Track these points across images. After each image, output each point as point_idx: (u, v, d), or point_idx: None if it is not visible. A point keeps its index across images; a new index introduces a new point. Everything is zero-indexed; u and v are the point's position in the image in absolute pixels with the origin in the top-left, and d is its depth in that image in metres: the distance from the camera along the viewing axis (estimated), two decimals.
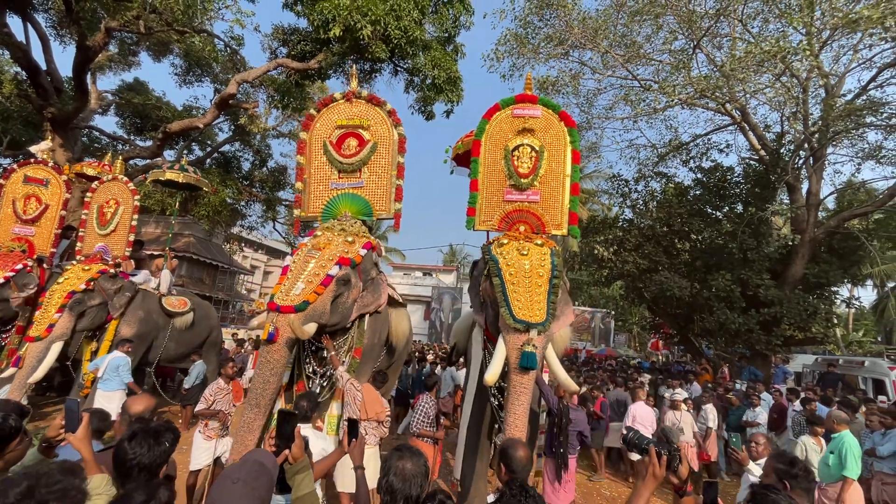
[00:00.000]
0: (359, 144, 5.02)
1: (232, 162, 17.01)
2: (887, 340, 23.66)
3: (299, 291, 3.67)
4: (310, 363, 4.28)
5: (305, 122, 5.21)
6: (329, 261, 3.93)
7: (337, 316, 3.98)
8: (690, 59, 11.35)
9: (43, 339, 5.34)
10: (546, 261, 3.76)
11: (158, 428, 1.82)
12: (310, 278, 3.78)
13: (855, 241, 11.03)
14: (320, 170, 5.04)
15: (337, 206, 4.84)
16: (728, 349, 12.14)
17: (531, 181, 4.35)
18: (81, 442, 1.84)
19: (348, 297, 4.07)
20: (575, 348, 23.40)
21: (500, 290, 3.57)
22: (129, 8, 9.75)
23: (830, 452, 4.42)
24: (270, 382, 3.47)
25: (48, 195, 6.97)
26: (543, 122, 4.54)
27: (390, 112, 5.13)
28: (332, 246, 4.13)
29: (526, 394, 3.29)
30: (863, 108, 9.33)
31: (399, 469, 1.70)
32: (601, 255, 14.78)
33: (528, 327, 3.35)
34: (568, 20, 11.42)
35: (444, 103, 11.24)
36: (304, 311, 3.56)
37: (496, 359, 3.43)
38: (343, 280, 3.95)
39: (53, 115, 10.49)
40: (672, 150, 13.66)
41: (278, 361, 3.51)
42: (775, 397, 8.10)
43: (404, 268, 34.67)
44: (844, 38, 9.88)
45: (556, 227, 4.34)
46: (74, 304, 5.66)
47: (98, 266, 6.16)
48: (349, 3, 8.89)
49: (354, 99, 5.19)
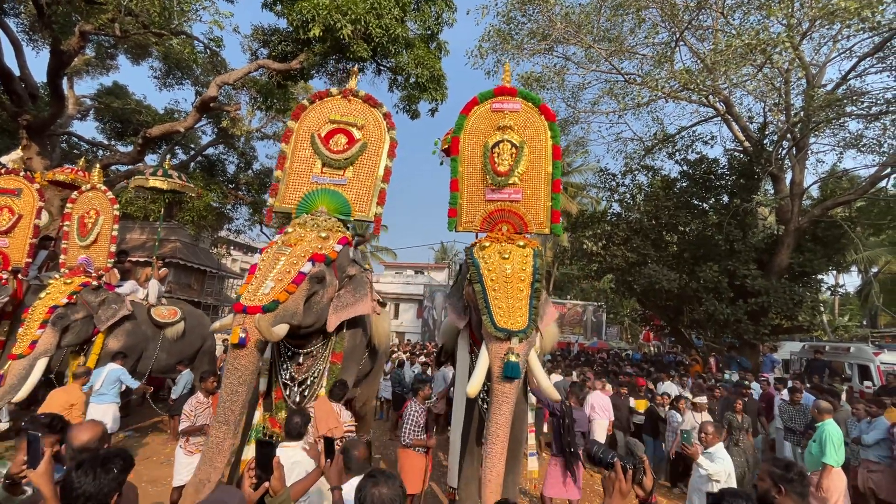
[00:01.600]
0: (348, 142, 4.89)
1: (216, 165, 16.77)
2: (872, 324, 24.10)
3: (268, 290, 3.42)
4: (287, 369, 4.08)
5: (296, 111, 5.07)
6: (301, 257, 3.70)
7: (311, 316, 3.77)
8: (673, 52, 11.38)
9: (26, 357, 5.21)
10: (528, 264, 3.71)
11: (107, 455, 1.73)
12: (280, 276, 3.53)
13: (838, 230, 11.19)
14: (303, 161, 4.86)
15: (314, 201, 4.60)
16: (717, 339, 12.28)
17: (509, 178, 4.25)
18: (42, 478, 1.76)
19: (323, 296, 3.85)
20: (567, 341, 23.53)
21: (481, 297, 3.52)
22: (103, 11, 9.51)
23: (813, 441, 4.50)
24: (239, 393, 3.21)
25: (21, 205, 6.80)
26: (523, 117, 4.44)
27: (386, 115, 5.06)
28: (305, 242, 3.89)
29: (508, 402, 3.27)
30: (843, 97, 9.43)
31: (376, 496, 1.65)
32: (590, 249, 14.85)
33: (509, 335, 3.31)
34: (551, 15, 11.38)
35: (428, 102, 11.15)
36: (273, 312, 3.33)
37: (479, 369, 3.39)
38: (317, 278, 3.72)
39: (29, 122, 10.22)
40: (658, 142, 13.72)
41: (246, 368, 3.24)
42: (763, 387, 8.21)
43: (396, 266, 34.55)
44: (824, 29, 9.97)
45: (539, 225, 4.26)
46: (57, 318, 5.53)
47: (80, 279, 6.02)
48: (328, 3, 8.75)
49: (352, 97, 5.09)
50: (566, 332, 24.69)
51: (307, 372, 4.07)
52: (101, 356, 6.04)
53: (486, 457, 3.19)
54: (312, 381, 4.04)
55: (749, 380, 8.93)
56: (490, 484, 3.10)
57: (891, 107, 9.19)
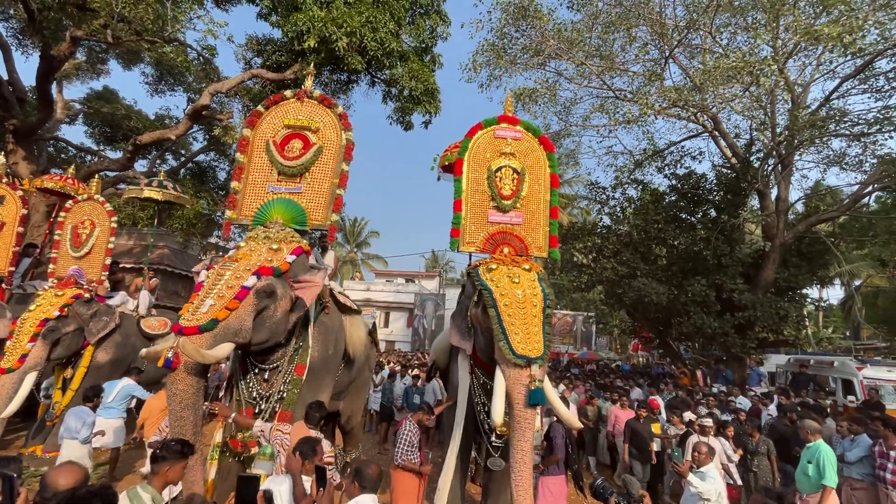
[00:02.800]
0: (303, 147, 4.70)
1: (207, 172, 16.64)
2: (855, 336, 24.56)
3: (206, 308, 3.27)
4: (252, 387, 3.94)
5: (251, 118, 4.90)
6: (245, 272, 3.54)
7: (264, 332, 3.61)
8: (663, 69, 11.62)
9: (15, 371, 5.09)
10: (537, 288, 3.77)
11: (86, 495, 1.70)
12: (221, 293, 3.38)
13: (822, 245, 11.44)
14: (259, 171, 4.71)
15: (269, 212, 4.45)
16: (705, 352, 12.41)
17: (514, 203, 4.39)
18: None
19: (276, 311, 3.66)
20: (557, 352, 23.61)
21: (496, 322, 3.53)
22: (95, 17, 9.45)
23: (808, 462, 4.48)
24: (184, 418, 3.11)
25: (4, 212, 6.68)
26: (525, 146, 4.61)
27: (341, 115, 4.87)
28: (253, 256, 3.74)
29: (531, 429, 3.32)
30: (826, 117, 9.69)
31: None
32: (580, 261, 14.96)
33: (528, 362, 3.33)
34: (543, 31, 11.56)
35: (421, 114, 11.23)
36: (211, 331, 3.17)
37: (498, 396, 3.40)
38: (265, 292, 3.54)
39: (16, 126, 10.08)
40: (648, 157, 13.94)
41: (185, 392, 3.13)
42: (753, 401, 8.30)
43: (386, 274, 34.45)
44: (808, 51, 10.26)
45: (538, 249, 4.40)
46: (48, 332, 5.43)
47: (72, 291, 5.90)
48: (324, 15, 8.81)
49: (306, 99, 4.90)
50: (556, 343, 24.79)
51: (272, 387, 3.93)
52: (90, 369, 5.95)
53: (516, 486, 3.21)
54: (279, 396, 3.91)
55: (735, 393, 9.04)
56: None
57: (871, 127, 9.46)
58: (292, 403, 3.89)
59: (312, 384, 4.11)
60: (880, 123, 9.15)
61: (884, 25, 8.37)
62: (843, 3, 8.17)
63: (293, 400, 3.90)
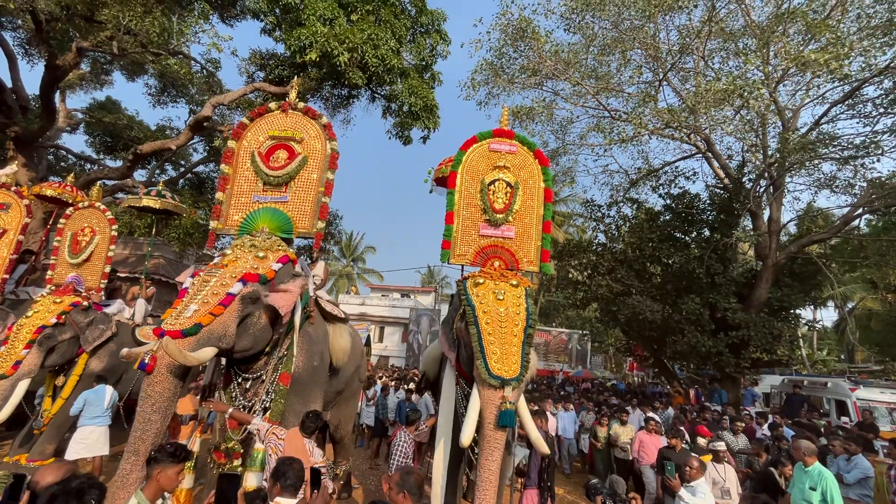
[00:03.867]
0: (288, 157, 4.80)
1: (206, 183, 16.70)
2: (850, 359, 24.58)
3: (190, 313, 3.29)
4: (235, 397, 3.94)
5: (236, 130, 4.99)
6: (231, 278, 3.57)
7: (247, 339, 3.63)
8: (657, 91, 11.90)
9: (9, 378, 5.05)
10: (521, 306, 3.78)
11: (81, 486, 1.71)
12: (206, 298, 3.41)
13: (814, 266, 11.56)
14: (245, 181, 4.79)
15: (255, 221, 4.51)
16: (699, 371, 12.39)
17: (506, 217, 4.40)
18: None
19: (260, 318, 3.69)
20: (552, 370, 23.46)
21: (476, 339, 3.54)
22: (102, 29, 9.64)
23: (811, 489, 4.25)
24: (152, 421, 3.06)
25: (7, 219, 6.68)
26: (519, 159, 4.64)
27: (325, 126, 4.96)
28: (239, 263, 3.79)
29: (500, 450, 3.30)
30: (816, 141, 9.91)
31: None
32: (576, 278, 15.02)
33: (503, 383, 3.34)
34: (541, 52, 11.86)
35: (420, 130, 11.40)
36: (194, 336, 3.19)
37: (470, 415, 3.39)
38: (250, 298, 3.57)
39: (17, 133, 10.15)
40: (643, 176, 14.15)
41: (161, 395, 3.09)
42: (746, 420, 8.26)
43: (382, 289, 34.36)
44: (797, 77, 10.56)
45: (530, 263, 4.41)
46: (44, 339, 5.41)
47: (70, 298, 5.88)
48: (327, 31, 9.02)
49: (290, 110, 5.00)
50: (551, 360, 24.65)
51: (255, 396, 3.92)
52: (82, 377, 5.89)
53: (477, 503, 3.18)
54: (263, 406, 3.88)
55: (729, 413, 9.00)
56: None
57: (860, 151, 9.68)
58: (279, 413, 3.85)
59: (300, 395, 4.07)
60: (867, 147, 9.37)
61: (869, 53, 8.66)
62: (829, 31, 8.47)
63: (280, 410, 3.86)
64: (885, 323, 19.24)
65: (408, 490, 2.31)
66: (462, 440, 3.33)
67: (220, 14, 12.03)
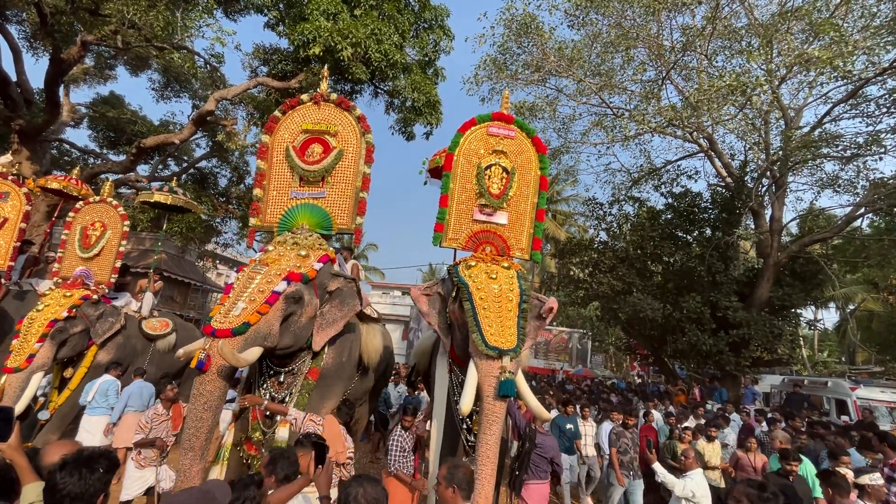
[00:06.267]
0: (323, 151, 4.66)
1: (208, 178, 16.76)
2: (851, 360, 24.54)
3: (239, 312, 3.31)
4: (266, 389, 3.99)
5: (269, 124, 4.88)
6: (276, 276, 3.59)
7: (289, 338, 3.66)
8: (660, 89, 11.89)
9: (23, 371, 5.07)
10: (514, 284, 3.77)
11: (91, 455, 1.72)
12: (252, 297, 3.42)
13: (816, 266, 11.54)
14: (281, 177, 4.72)
15: (294, 217, 4.50)
16: (699, 370, 12.40)
17: (500, 202, 4.35)
18: (14, 451, 1.77)
19: (301, 316, 3.75)
20: (552, 368, 23.47)
21: (471, 315, 3.53)
22: (106, 22, 9.66)
23: None
24: (204, 419, 3.12)
25: (7, 208, 6.69)
26: (517, 145, 4.55)
27: (360, 118, 4.83)
28: (283, 261, 3.80)
29: (499, 422, 3.27)
30: (819, 140, 9.90)
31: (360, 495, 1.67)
32: (577, 276, 15.04)
33: (500, 354, 3.32)
34: (544, 49, 11.86)
35: (423, 125, 11.42)
36: (242, 335, 3.22)
37: (468, 387, 3.37)
38: (293, 297, 3.61)
39: (21, 126, 10.20)
40: (645, 175, 14.15)
41: (212, 394, 3.14)
42: (744, 418, 8.29)
43: (383, 286, 34.39)
44: (801, 75, 10.54)
45: (521, 251, 4.37)
46: (56, 332, 5.42)
47: (80, 292, 5.88)
48: (330, 26, 9.04)
49: (323, 102, 4.86)
50: (551, 359, 24.66)
51: (287, 390, 3.97)
52: (90, 369, 5.92)
53: (477, 478, 3.11)
54: (287, 399, 3.94)
55: (730, 411, 9.02)
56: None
57: (863, 150, 9.66)
58: (302, 406, 3.91)
59: (321, 389, 4.10)
60: (869, 145, 9.35)
61: (872, 51, 8.64)
62: (833, 30, 8.45)
63: (304, 403, 3.93)
64: (887, 324, 19.21)
65: (457, 484, 2.21)
66: (461, 407, 3.31)
67: (224, 8, 12.06)
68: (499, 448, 3.27)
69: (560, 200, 29.77)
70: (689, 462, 3.95)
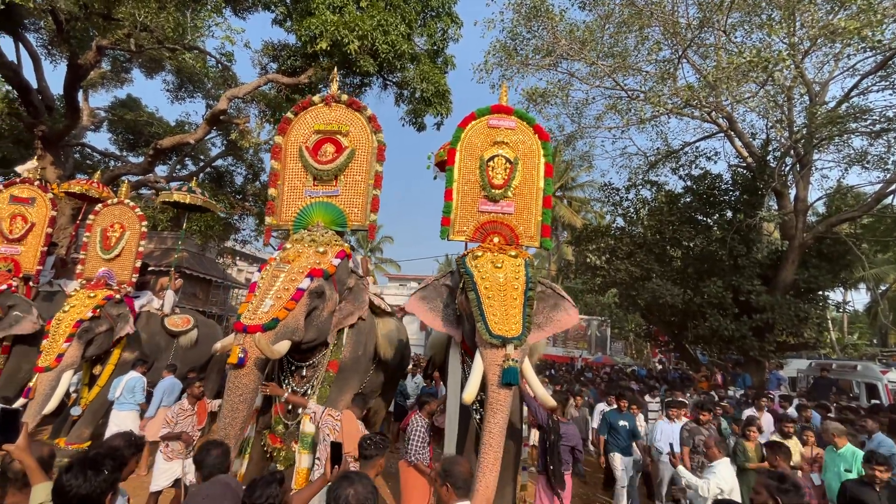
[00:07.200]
0: (336, 151, 4.84)
1: (225, 176, 17.03)
2: (882, 342, 23.76)
3: (268, 308, 3.47)
4: (288, 384, 4.11)
5: (282, 125, 5.05)
6: (299, 273, 3.74)
7: (313, 331, 3.81)
8: (676, 69, 11.52)
9: (53, 369, 5.30)
10: (521, 272, 3.75)
11: (97, 456, 1.75)
12: (279, 294, 3.58)
13: (844, 246, 11.13)
14: (295, 176, 4.88)
15: (309, 216, 4.65)
16: (722, 356, 12.16)
17: (505, 192, 4.36)
18: (23, 452, 1.81)
19: (324, 311, 3.89)
20: (571, 356, 23.34)
21: (475, 304, 3.54)
22: (120, 26, 9.82)
23: (847, 471, 4.08)
24: (239, 410, 3.26)
25: (34, 213, 6.94)
26: (518, 134, 4.57)
27: (370, 118, 4.97)
28: (303, 258, 3.93)
29: (503, 411, 3.25)
30: (846, 115, 9.47)
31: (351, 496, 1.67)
32: (594, 263, 14.85)
33: (504, 342, 3.32)
34: (555, 32, 11.59)
35: (433, 116, 11.33)
36: (273, 330, 3.37)
37: (473, 376, 3.38)
38: (316, 293, 3.75)
39: (44, 133, 10.49)
40: (662, 158, 13.80)
41: (247, 387, 3.29)
42: (768, 403, 8.09)
43: (399, 278, 34.63)
44: (826, 48, 10.07)
45: (530, 239, 4.36)
46: (83, 332, 5.64)
47: (104, 292, 6.09)
48: (337, 20, 8.99)
49: (334, 103, 5.02)
50: (570, 347, 24.52)
51: (308, 382, 4.09)
52: (117, 366, 6.15)
53: (479, 467, 3.14)
54: (308, 391, 4.05)
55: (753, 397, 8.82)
56: (479, 495, 3.02)
57: (893, 124, 9.21)
58: (323, 398, 4.02)
59: (338, 382, 4.22)
60: None
61: None
62: None
63: (325, 395, 4.04)
64: None
65: (451, 482, 2.17)
66: (464, 395, 3.33)
67: (233, 7, 12.11)
68: (503, 437, 3.24)
69: (575, 187, 29.33)
70: (712, 451, 3.75)
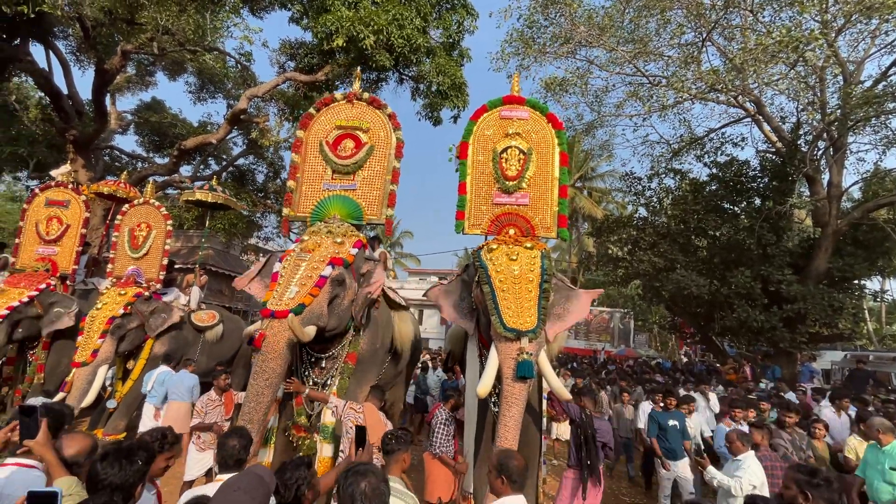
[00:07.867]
0: (355, 146, 4.96)
1: (247, 175, 17.38)
2: None
3: (293, 294, 3.55)
4: (308, 375, 4.16)
5: (303, 120, 5.18)
6: (321, 262, 3.82)
7: (334, 318, 3.86)
8: (700, 52, 11.13)
9: (89, 364, 5.56)
10: (536, 265, 3.71)
11: (131, 447, 1.82)
12: (303, 281, 3.65)
13: (881, 233, 10.62)
14: (314, 169, 4.99)
15: (326, 208, 4.73)
16: (750, 348, 11.82)
17: (519, 184, 4.33)
18: (43, 447, 1.86)
19: (344, 299, 3.94)
20: (594, 349, 23.09)
21: (490, 297, 3.53)
22: (142, 31, 10.09)
23: (892, 469, 3.76)
24: (264, 395, 3.30)
25: (69, 216, 7.23)
26: (531, 124, 4.52)
27: (391, 116, 5.08)
28: (322, 248, 4.02)
29: (518, 404, 3.24)
30: (883, 94, 8.99)
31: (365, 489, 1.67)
32: (616, 254, 14.58)
33: (518, 335, 3.30)
34: (573, 18, 11.33)
35: (450, 109, 11.27)
36: (300, 315, 3.44)
37: (489, 369, 3.38)
38: (338, 280, 3.82)
39: (75, 137, 10.89)
40: (686, 145, 13.40)
41: (274, 371, 3.33)
42: (799, 397, 7.85)
43: (420, 272, 34.78)
44: (861, 24, 9.55)
45: (546, 229, 4.31)
46: (115, 328, 5.90)
47: (133, 289, 6.33)
48: (352, 15, 9.01)
49: (356, 101, 5.15)
50: (592, 340, 24.25)
51: (327, 374, 4.15)
52: (149, 360, 6.39)
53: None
54: (328, 382, 4.12)
55: (784, 390, 8.57)
56: None
57: None
58: (343, 390, 4.09)
59: (357, 374, 4.28)
60: None
61: None
62: None
63: (344, 386, 4.11)
64: None
65: (507, 475, 2.17)
66: (479, 389, 3.33)
67: (250, 7, 12.27)
68: (518, 430, 3.22)
69: (595, 177, 28.82)
70: (737, 446, 3.66)
